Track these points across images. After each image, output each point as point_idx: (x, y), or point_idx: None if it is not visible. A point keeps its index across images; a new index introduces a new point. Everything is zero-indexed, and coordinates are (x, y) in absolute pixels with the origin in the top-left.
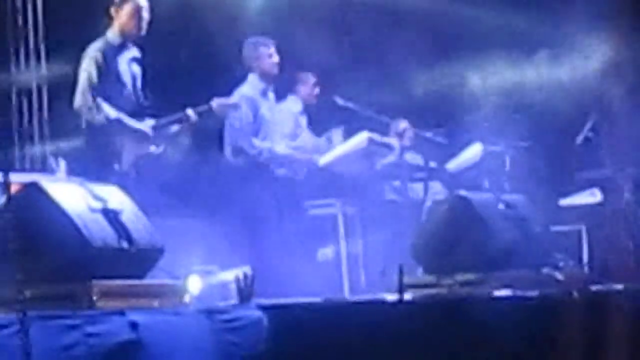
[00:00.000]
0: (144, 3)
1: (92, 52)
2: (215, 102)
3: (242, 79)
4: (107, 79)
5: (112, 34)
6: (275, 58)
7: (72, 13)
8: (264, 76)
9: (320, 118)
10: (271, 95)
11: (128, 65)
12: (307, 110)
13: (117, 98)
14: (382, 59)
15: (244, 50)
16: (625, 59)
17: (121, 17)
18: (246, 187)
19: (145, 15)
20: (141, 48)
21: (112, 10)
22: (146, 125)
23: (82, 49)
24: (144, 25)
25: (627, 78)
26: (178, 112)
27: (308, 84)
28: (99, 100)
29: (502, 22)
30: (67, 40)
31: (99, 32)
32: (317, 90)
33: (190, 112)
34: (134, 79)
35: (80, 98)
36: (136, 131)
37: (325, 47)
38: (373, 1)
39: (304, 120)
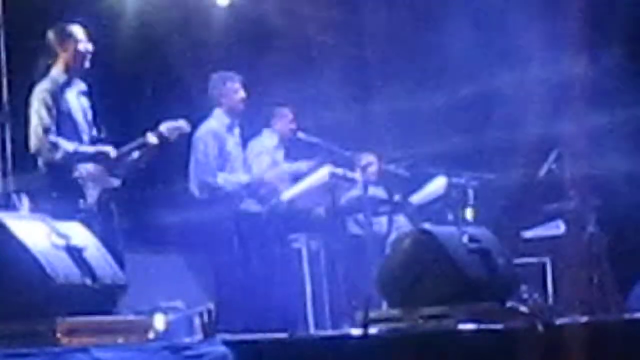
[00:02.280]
0: (84, 37)
1: (40, 94)
2: (164, 126)
3: (206, 112)
4: (58, 118)
5: (57, 72)
6: (242, 93)
7: (31, 50)
8: (230, 111)
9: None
10: (237, 131)
11: (77, 100)
12: (283, 143)
13: (72, 134)
14: (344, 92)
15: (211, 85)
16: (587, 88)
17: (65, 54)
18: (211, 221)
19: (89, 48)
20: (85, 81)
21: (55, 48)
22: (103, 147)
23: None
24: (88, 58)
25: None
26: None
27: (285, 119)
28: (54, 138)
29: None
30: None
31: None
32: (293, 125)
33: (150, 136)
34: (84, 113)
35: (35, 141)
36: (97, 154)
37: (291, 80)
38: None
39: (280, 155)
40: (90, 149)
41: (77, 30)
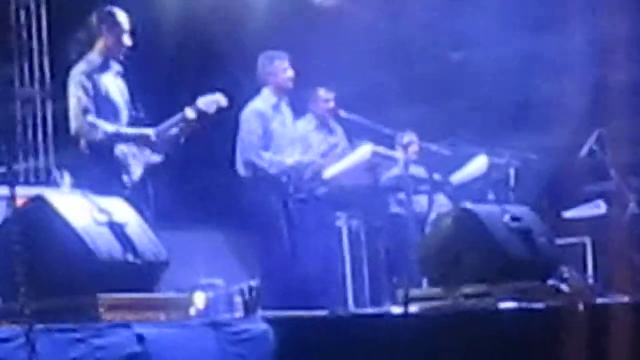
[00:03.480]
0: (123, 19)
1: (77, 77)
2: (201, 100)
3: (252, 92)
4: (96, 100)
5: (94, 55)
6: (290, 72)
7: (74, 29)
8: (278, 90)
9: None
10: (285, 109)
11: (114, 81)
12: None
13: (111, 115)
14: (387, 71)
15: (259, 64)
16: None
17: (105, 40)
18: (255, 199)
19: (128, 42)
20: (122, 63)
21: (97, 32)
22: (147, 131)
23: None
24: (126, 39)
25: (632, 89)
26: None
27: (322, 100)
28: (94, 119)
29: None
30: (69, 54)
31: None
32: (331, 104)
33: (188, 111)
34: (122, 94)
35: (75, 123)
36: (138, 137)
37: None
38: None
39: (318, 137)
40: (130, 131)
41: (124, 19)
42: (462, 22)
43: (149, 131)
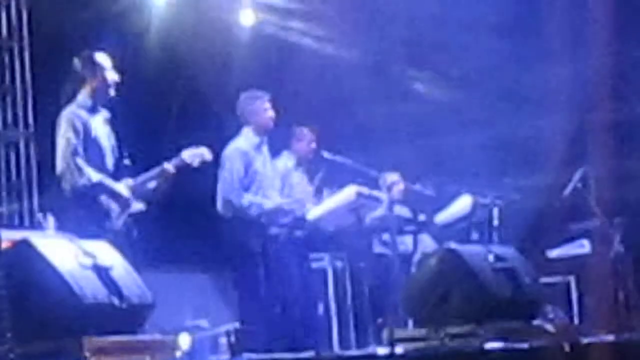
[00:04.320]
0: (109, 66)
1: (68, 117)
2: (186, 153)
3: (234, 132)
4: (85, 143)
5: (83, 97)
6: (271, 112)
7: (58, 70)
8: (259, 130)
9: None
10: (265, 149)
11: (103, 127)
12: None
13: (97, 160)
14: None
15: (239, 104)
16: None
17: (92, 81)
18: (235, 241)
19: (115, 77)
20: (110, 107)
21: (82, 75)
22: (126, 184)
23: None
24: (114, 87)
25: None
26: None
27: (304, 140)
28: (81, 163)
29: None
30: (53, 94)
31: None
32: (313, 145)
33: (167, 165)
34: (109, 139)
35: (62, 163)
36: (116, 194)
37: (316, 98)
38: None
39: (297, 176)
40: (112, 185)
41: (104, 59)
42: (445, 61)
43: (126, 191)
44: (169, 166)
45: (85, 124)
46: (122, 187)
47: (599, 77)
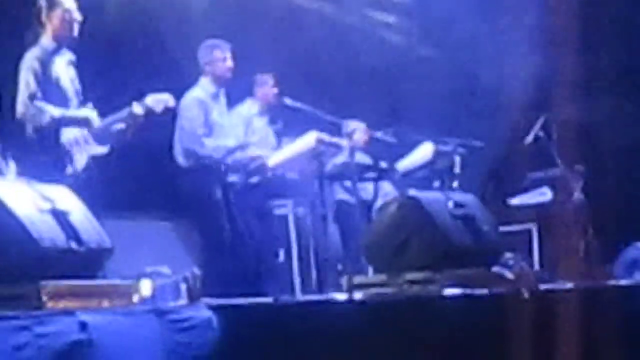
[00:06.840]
0: (72, 6)
1: (29, 61)
2: (150, 98)
3: (193, 81)
4: (46, 85)
5: (46, 40)
6: (230, 62)
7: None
8: (217, 80)
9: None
10: (223, 99)
11: (66, 69)
12: (267, 111)
13: (59, 102)
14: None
15: (199, 53)
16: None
17: (53, 22)
18: (197, 188)
19: (77, 17)
20: (74, 51)
21: (43, 16)
22: (90, 112)
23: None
24: (76, 27)
25: (577, 76)
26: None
27: (266, 86)
28: (40, 104)
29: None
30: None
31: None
32: (275, 90)
33: (136, 106)
34: (72, 82)
35: (21, 106)
36: (82, 120)
37: (279, 48)
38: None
39: (260, 122)
40: (76, 113)
41: (67, 1)
42: (407, 10)
43: (93, 114)
44: (138, 108)
45: (47, 67)
46: (87, 111)
47: (563, 24)
